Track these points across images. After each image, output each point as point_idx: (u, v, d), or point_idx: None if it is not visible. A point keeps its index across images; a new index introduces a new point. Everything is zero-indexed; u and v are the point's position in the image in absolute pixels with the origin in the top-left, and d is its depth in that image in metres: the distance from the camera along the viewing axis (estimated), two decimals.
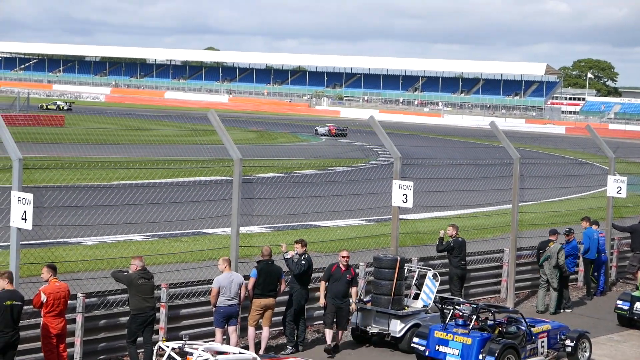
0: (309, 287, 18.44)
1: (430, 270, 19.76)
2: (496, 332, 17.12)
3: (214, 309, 16.92)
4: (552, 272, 22.78)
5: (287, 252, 18.14)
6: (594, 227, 25.17)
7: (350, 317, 18.67)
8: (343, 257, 18.19)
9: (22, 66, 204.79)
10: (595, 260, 25.11)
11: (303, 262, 17.98)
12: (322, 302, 18.22)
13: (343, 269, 18.13)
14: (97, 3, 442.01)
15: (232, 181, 17.72)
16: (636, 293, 22.06)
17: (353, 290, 18.31)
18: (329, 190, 34.76)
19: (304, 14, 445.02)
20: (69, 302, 15.01)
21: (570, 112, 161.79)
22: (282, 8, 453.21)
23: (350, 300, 18.32)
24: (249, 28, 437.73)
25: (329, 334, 18.10)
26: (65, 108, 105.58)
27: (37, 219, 14.88)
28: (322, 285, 18.23)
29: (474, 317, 17.07)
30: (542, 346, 17.93)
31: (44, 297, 14.47)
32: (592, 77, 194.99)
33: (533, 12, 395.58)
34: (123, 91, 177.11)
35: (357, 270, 19.14)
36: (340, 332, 18.35)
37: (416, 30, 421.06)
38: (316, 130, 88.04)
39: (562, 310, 22.95)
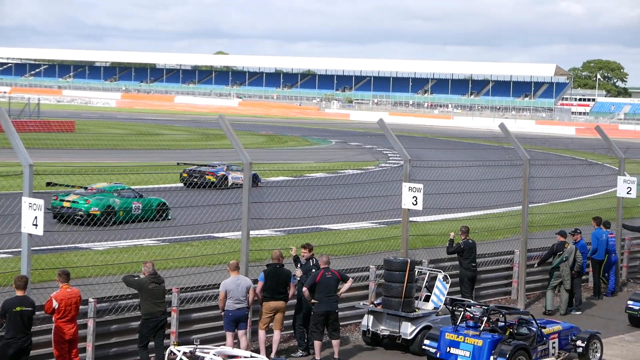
0: None
1: (440, 272, 19.73)
2: (507, 333, 17.11)
3: (222, 313, 16.96)
4: (568, 273, 22.74)
5: (296, 259, 18.20)
6: (603, 228, 25.15)
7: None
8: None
9: (33, 72, 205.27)
10: (604, 261, 25.10)
11: (313, 270, 17.95)
12: None
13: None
14: (109, 8, 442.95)
15: (242, 185, 17.76)
16: None
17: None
18: (339, 193, 34.81)
19: (315, 16, 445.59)
20: (80, 307, 15.07)
21: (580, 113, 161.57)
22: (293, 11, 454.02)
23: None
24: (261, 31, 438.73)
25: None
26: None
27: (48, 224, 14.93)
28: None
29: (485, 318, 17.08)
30: (553, 347, 17.92)
31: (55, 304, 14.51)
32: (602, 78, 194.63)
33: (545, 13, 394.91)
34: (133, 96, 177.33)
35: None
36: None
37: (427, 32, 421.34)
38: None
39: (571, 312, 22.94)
